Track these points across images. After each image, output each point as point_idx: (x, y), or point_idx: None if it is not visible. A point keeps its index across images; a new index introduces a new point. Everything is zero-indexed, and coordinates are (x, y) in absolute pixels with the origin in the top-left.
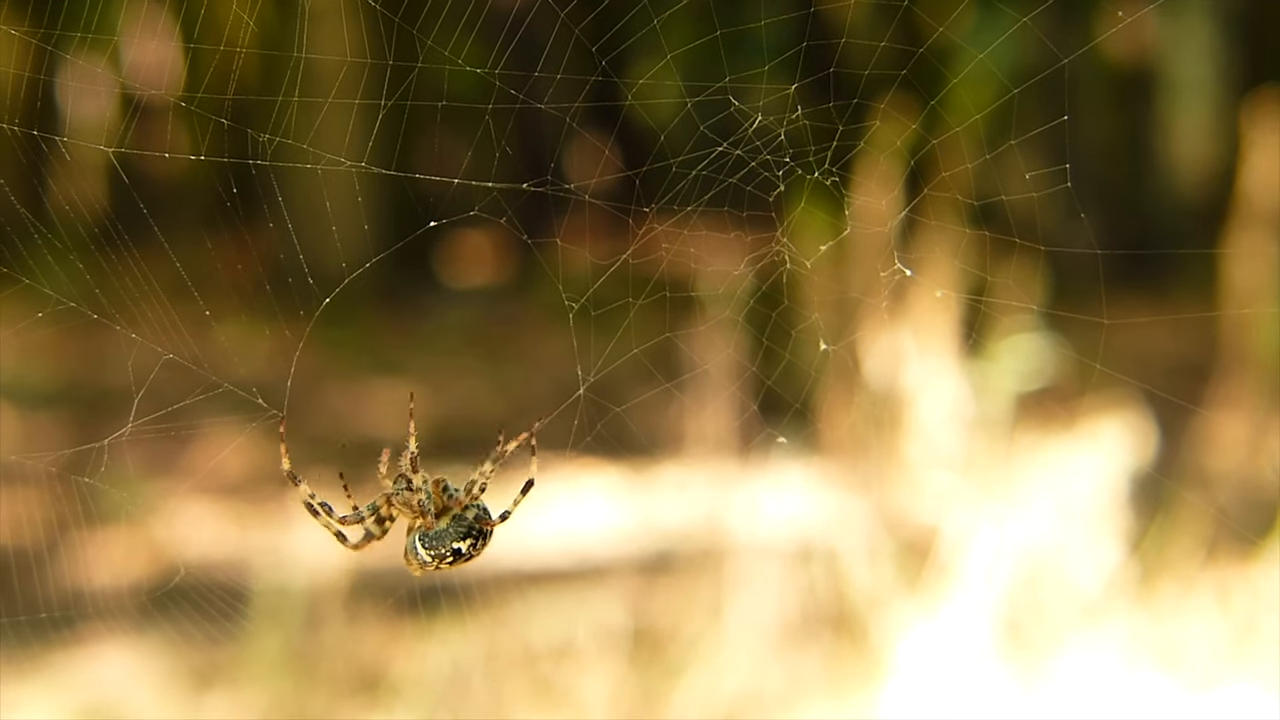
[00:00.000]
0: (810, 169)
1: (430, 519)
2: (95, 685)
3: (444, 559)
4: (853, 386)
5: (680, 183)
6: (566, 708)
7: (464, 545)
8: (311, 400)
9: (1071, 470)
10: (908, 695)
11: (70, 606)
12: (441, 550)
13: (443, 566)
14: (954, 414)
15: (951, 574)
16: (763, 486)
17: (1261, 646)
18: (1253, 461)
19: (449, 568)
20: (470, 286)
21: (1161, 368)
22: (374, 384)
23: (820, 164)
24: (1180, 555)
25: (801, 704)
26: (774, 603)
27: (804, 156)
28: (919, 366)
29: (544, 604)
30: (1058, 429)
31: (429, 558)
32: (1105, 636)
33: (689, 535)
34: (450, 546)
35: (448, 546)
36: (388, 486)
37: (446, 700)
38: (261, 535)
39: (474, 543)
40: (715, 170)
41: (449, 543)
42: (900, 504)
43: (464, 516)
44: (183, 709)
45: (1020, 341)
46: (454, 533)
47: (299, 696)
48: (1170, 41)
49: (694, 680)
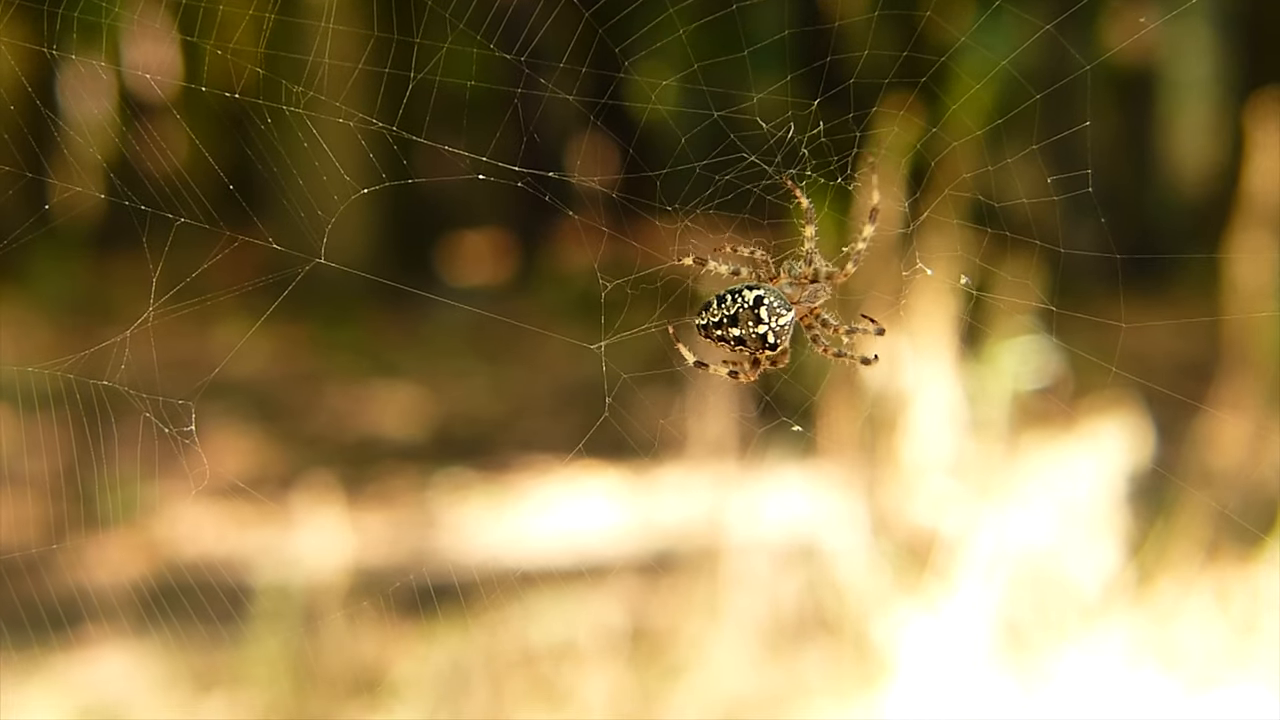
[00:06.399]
0: (833, 176)
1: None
2: (95, 686)
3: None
4: (854, 388)
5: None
6: (566, 708)
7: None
8: (311, 400)
9: (1071, 471)
10: (907, 696)
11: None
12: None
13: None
14: (954, 415)
15: (951, 574)
16: (763, 487)
17: (1261, 646)
18: (1254, 461)
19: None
20: (470, 286)
21: (1163, 367)
22: (374, 384)
23: (842, 170)
24: (1180, 555)
25: (801, 705)
26: (773, 604)
27: (825, 166)
28: (919, 367)
29: (544, 604)
30: (1058, 429)
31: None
32: (1105, 637)
33: (689, 536)
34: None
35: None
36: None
37: (446, 700)
38: (261, 535)
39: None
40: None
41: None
42: (900, 505)
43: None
44: (182, 710)
45: (1021, 342)
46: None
47: (299, 697)
48: (1172, 42)
49: (693, 680)
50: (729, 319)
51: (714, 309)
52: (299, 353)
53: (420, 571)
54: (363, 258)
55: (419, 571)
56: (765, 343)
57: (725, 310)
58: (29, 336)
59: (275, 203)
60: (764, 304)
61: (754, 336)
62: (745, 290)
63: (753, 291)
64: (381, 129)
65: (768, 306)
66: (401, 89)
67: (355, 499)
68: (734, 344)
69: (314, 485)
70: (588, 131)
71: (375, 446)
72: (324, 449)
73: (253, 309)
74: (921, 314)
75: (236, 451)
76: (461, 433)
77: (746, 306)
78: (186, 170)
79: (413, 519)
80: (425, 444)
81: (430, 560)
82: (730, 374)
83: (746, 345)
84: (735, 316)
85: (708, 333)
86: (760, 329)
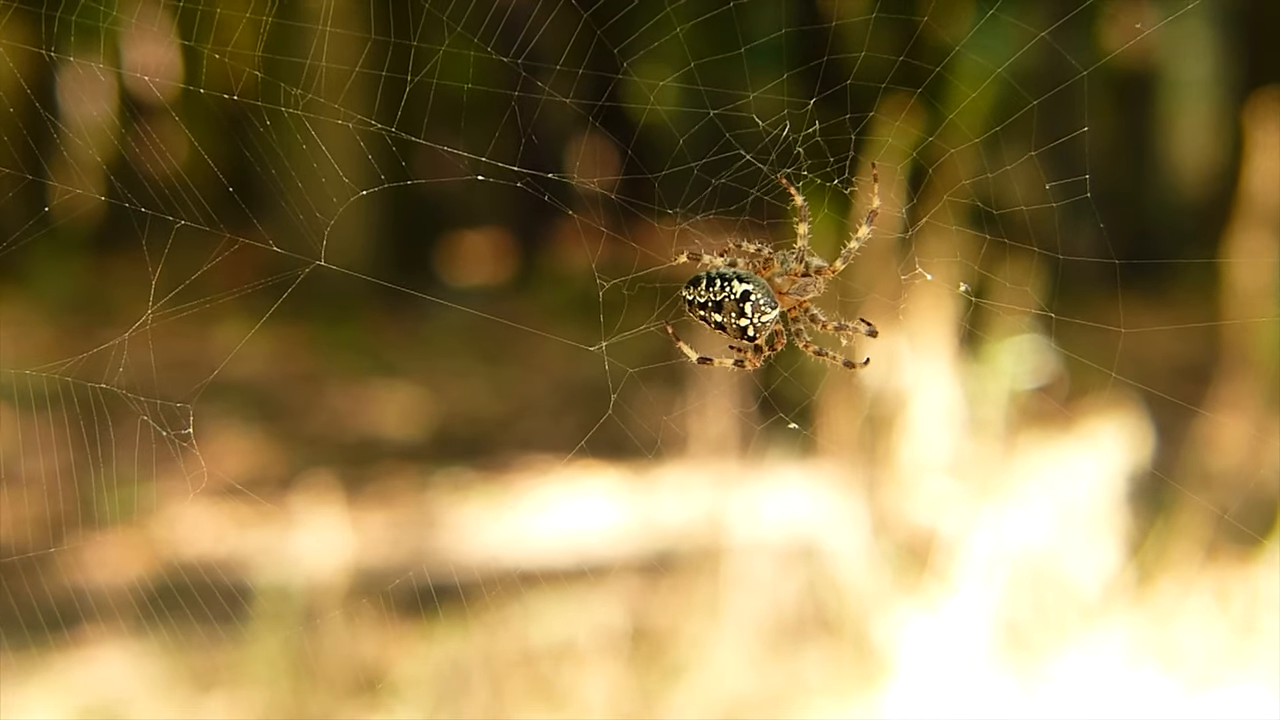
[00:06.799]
0: (829, 178)
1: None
2: (94, 686)
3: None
4: (853, 388)
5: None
6: (566, 708)
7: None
8: (311, 400)
9: (1071, 471)
10: (907, 696)
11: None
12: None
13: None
14: (953, 414)
15: (951, 575)
16: (762, 487)
17: (1261, 646)
18: (1253, 462)
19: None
20: (470, 286)
21: (1162, 368)
22: (374, 384)
23: (839, 172)
24: (1180, 556)
25: (801, 704)
26: (773, 604)
27: (822, 166)
28: (918, 367)
29: (544, 604)
30: (1057, 429)
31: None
32: (1105, 637)
33: (689, 535)
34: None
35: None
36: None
37: (446, 700)
38: (261, 535)
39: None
40: (737, 179)
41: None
42: (900, 505)
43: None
44: (182, 710)
45: (1019, 342)
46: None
47: (299, 697)
48: (1171, 42)
49: (693, 680)
50: (714, 304)
51: (701, 288)
52: (299, 353)
53: (418, 569)
54: (362, 259)
55: (418, 570)
56: (744, 335)
57: (712, 295)
58: (29, 337)
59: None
60: (750, 300)
61: (735, 327)
62: (735, 281)
63: (742, 284)
64: (380, 130)
65: (753, 303)
66: (400, 91)
67: (355, 499)
68: (714, 327)
69: (314, 485)
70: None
71: (375, 446)
72: (324, 449)
73: (253, 310)
74: (920, 316)
75: (237, 452)
76: (461, 433)
77: (733, 299)
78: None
79: (413, 519)
80: (425, 444)
81: (430, 560)
82: (736, 364)
83: (725, 330)
84: (720, 304)
85: (692, 309)
86: (742, 322)
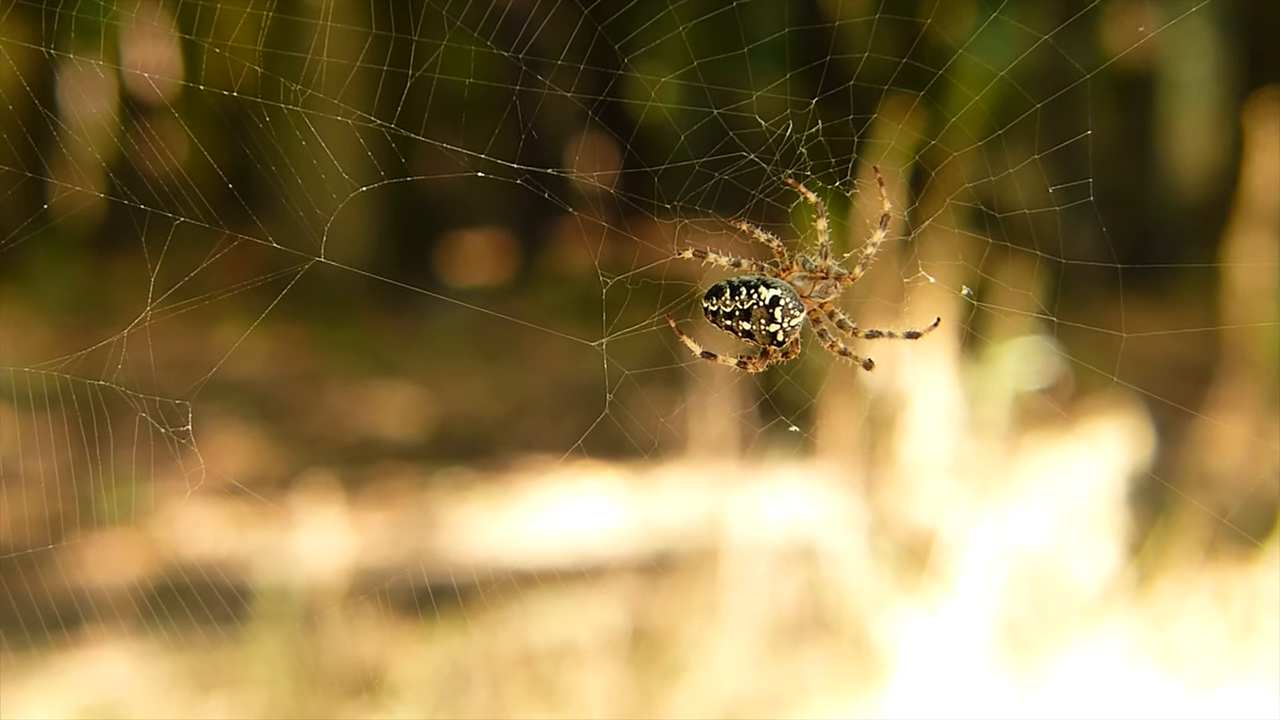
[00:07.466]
0: (830, 180)
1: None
2: (94, 686)
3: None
4: (854, 389)
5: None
6: (566, 708)
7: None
8: (311, 400)
9: (1071, 471)
10: (907, 696)
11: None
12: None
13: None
14: (954, 415)
15: (951, 575)
16: (762, 488)
17: (1261, 647)
18: (1253, 463)
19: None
20: (470, 285)
21: (1162, 369)
22: (374, 384)
23: (841, 174)
24: (1180, 556)
25: (801, 704)
26: (773, 604)
27: (824, 168)
28: (919, 368)
29: (544, 604)
30: (1057, 430)
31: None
32: (1105, 637)
33: (689, 536)
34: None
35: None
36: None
37: (446, 700)
38: (261, 535)
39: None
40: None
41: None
42: (900, 505)
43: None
44: (182, 710)
45: (1020, 344)
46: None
47: (299, 697)
48: (1172, 42)
49: (693, 681)
50: (742, 312)
51: (726, 298)
52: (298, 352)
53: (415, 568)
54: (362, 256)
55: (416, 570)
56: (774, 340)
57: (739, 303)
58: (28, 336)
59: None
60: (779, 304)
61: (764, 333)
62: (762, 287)
63: (770, 290)
64: (380, 127)
65: (783, 308)
66: (400, 87)
67: (355, 499)
68: (741, 335)
69: (313, 485)
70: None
71: (375, 446)
72: (324, 449)
73: (252, 308)
74: (922, 318)
75: (236, 451)
76: (461, 433)
77: (762, 304)
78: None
79: (412, 519)
80: (425, 444)
81: (430, 560)
82: (739, 364)
83: (753, 338)
84: (749, 311)
85: (716, 320)
86: (772, 328)
